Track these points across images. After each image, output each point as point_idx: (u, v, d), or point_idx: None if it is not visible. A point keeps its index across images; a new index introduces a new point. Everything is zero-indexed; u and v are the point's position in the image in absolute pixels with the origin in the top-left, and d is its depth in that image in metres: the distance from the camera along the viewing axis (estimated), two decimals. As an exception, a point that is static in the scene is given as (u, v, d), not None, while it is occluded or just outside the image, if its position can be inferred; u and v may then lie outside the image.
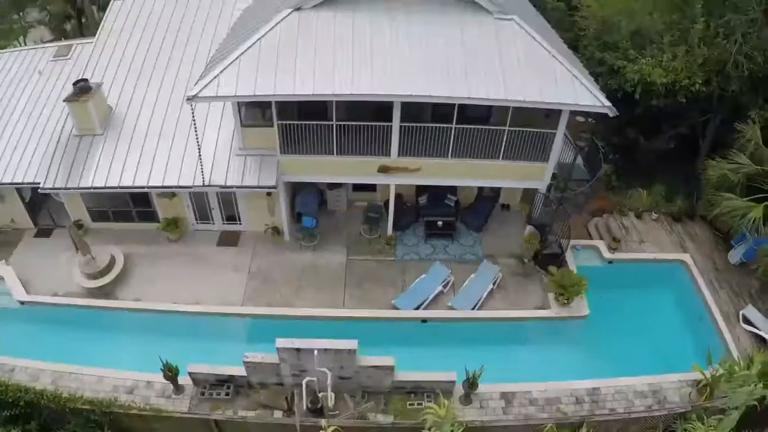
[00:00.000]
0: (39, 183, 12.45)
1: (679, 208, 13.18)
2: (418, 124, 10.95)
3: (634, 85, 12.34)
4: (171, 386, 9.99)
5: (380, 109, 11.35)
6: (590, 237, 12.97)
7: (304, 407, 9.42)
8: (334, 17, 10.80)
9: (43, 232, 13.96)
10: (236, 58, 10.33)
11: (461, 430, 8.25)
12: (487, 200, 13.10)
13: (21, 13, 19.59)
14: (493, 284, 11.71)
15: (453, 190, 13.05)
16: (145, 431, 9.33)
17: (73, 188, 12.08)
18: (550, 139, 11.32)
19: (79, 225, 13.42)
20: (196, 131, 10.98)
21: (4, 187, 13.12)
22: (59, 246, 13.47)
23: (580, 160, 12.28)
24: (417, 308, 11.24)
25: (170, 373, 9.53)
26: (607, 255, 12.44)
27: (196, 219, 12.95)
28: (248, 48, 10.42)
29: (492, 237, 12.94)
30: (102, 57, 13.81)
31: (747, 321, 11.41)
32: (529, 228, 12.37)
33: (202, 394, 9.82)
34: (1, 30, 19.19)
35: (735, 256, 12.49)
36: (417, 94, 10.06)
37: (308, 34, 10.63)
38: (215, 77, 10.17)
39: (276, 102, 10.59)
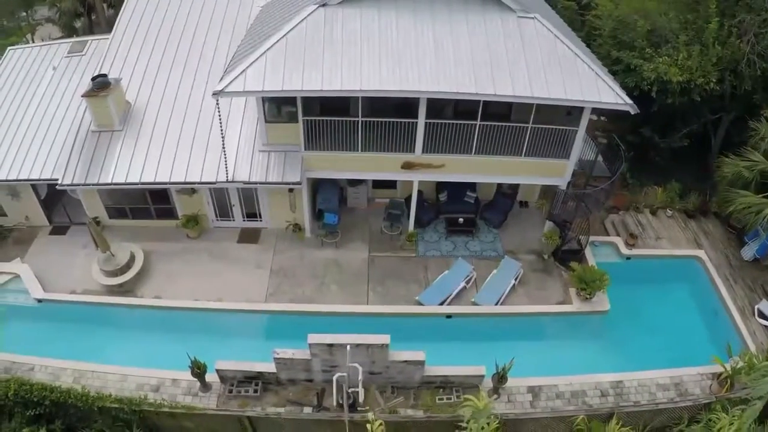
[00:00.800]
0: (57, 179, 12.34)
1: (692, 205, 13.42)
2: (443, 121, 11.03)
3: (651, 84, 12.56)
4: (198, 384, 9.91)
5: (401, 106, 11.43)
6: (607, 233, 13.15)
7: (335, 403, 9.44)
8: (360, 13, 10.85)
9: (59, 230, 13.79)
10: (263, 54, 10.33)
11: (496, 422, 8.36)
12: (506, 197, 13.22)
13: (28, 11, 19.37)
14: (515, 280, 11.82)
15: (472, 187, 13.15)
16: (174, 429, 9.27)
17: (93, 184, 11.95)
18: (571, 137, 11.46)
19: (96, 222, 13.29)
20: (221, 127, 10.94)
21: (19, 183, 12.97)
22: (75, 243, 13.34)
23: (599, 157, 12.48)
24: (441, 304, 11.30)
25: (198, 370, 9.47)
26: (625, 251, 12.62)
27: (216, 216, 12.89)
28: (274, 44, 10.42)
29: (511, 234, 13.06)
30: (119, 53, 13.68)
31: (762, 315, 11.65)
32: (548, 224, 12.51)
33: (230, 391, 9.74)
34: (8, 28, 18.98)
35: (748, 252, 12.74)
36: (445, 90, 10.13)
37: (334, 30, 10.66)
38: (242, 72, 10.16)
39: (301, 98, 10.62)
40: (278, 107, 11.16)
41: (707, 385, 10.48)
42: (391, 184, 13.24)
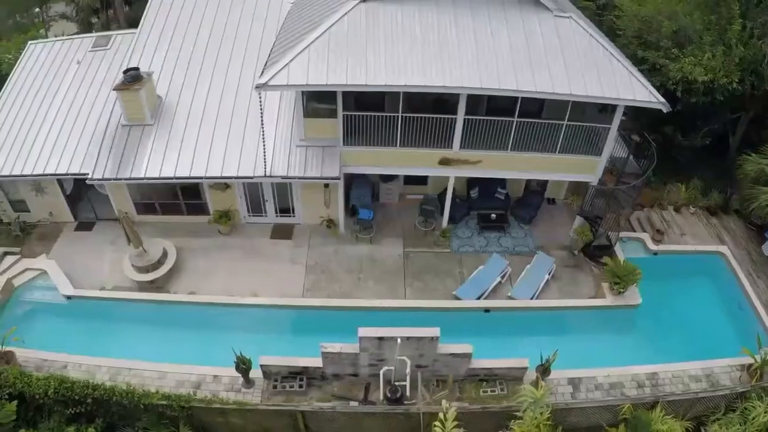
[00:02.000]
0: (86, 174, 12.16)
1: (714, 202, 13.76)
2: (482, 118, 11.16)
3: (676, 83, 12.87)
4: (240, 380, 9.82)
5: (437, 102, 11.57)
6: (633, 230, 13.41)
7: (381, 397, 9.46)
8: (401, 9, 10.93)
9: (84, 226, 13.57)
10: (305, 48, 10.35)
11: (548, 411, 8.49)
12: (536, 194, 13.41)
13: (42, 7, 19.06)
14: (549, 275, 11.99)
15: (503, 183, 13.31)
16: (220, 426, 9.16)
17: (125, 179, 11.82)
18: (604, 134, 11.69)
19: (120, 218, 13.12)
20: (262, 121, 10.91)
21: (45, 178, 12.75)
22: (102, 240, 13.14)
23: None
24: (478, 298, 11.41)
25: (244, 365, 9.40)
26: (652, 247, 12.89)
27: (249, 211, 12.81)
28: (317, 38, 10.46)
29: (540, 230, 13.24)
30: (147, 47, 13.56)
31: (786, 308, 11.98)
32: (579, 220, 12.71)
33: (274, 387, 9.67)
34: (22, 24, 18.65)
35: (770, 248, 13.11)
36: (488, 87, 10.27)
37: (375, 26, 10.73)
38: (285, 66, 10.16)
39: (341, 93, 10.65)
40: (317, 102, 11.16)
41: (737, 376, 10.74)
42: (422, 181, 13.32)
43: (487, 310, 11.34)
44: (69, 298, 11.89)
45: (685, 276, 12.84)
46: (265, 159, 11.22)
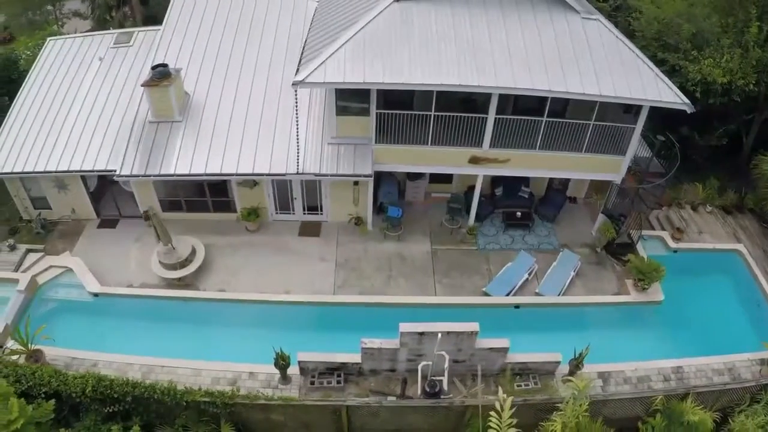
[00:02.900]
0: (113, 170, 12.09)
1: (729, 201, 14.10)
2: (513, 117, 11.33)
3: (695, 84, 13.18)
4: (276, 377, 9.83)
5: (465, 101, 11.72)
6: (652, 228, 13.69)
7: (419, 392, 9.56)
8: (434, 9, 11.07)
9: (107, 223, 13.49)
10: (341, 46, 10.43)
11: (586, 403, 8.68)
12: (559, 192, 13.63)
13: (55, 5, 18.87)
14: (574, 272, 12.20)
15: (526, 182, 13.51)
16: (260, 423, 9.17)
17: (154, 175, 11.78)
18: (628, 134, 11.94)
19: (148, 216, 13.03)
20: (296, 118, 10.97)
21: (68, 175, 12.64)
22: (127, 237, 13.07)
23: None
24: (507, 295, 11.58)
25: (283, 362, 9.43)
26: (672, 245, 13.18)
27: (276, 209, 12.84)
28: (352, 36, 10.55)
29: (563, 228, 13.45)
30: (172, 43, 13.51)
31: (801, 305, 12.35)
32: (601, 218, 12.95)
33: (312, 383, 9.72)
34: (35, 21, 18.45)
35: (784, 246, 13.47)
36: (521, 87, 10.44)
37: (409, 25, 10.85)
38: (322, 63, 10.23)
39: (376, 91, 10.74)
40: (349, 100, 11.24)
41: (757, 370, 11.06)
42: (447, 179, 13.46)
43: (517, 306, 11.52)
44: (96, 295, 11.81)
45: (703, 273, 13.14)
46: (298, 156, 11.26)
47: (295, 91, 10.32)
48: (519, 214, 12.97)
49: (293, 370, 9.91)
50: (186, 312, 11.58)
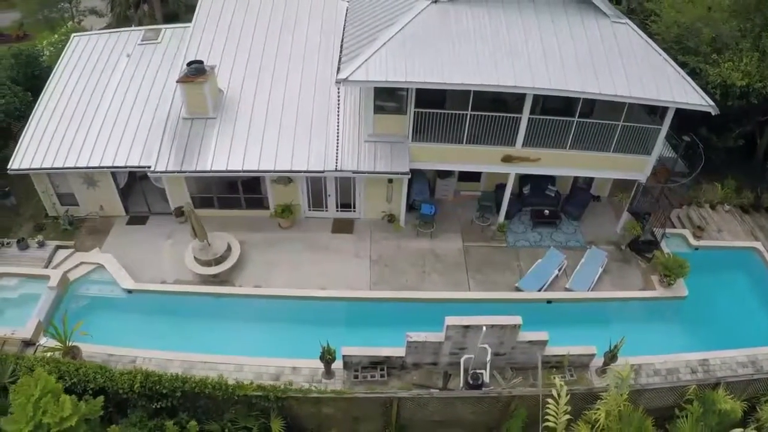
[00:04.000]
0: (146, 166, 12.11)
1: (746, 200, 14.56)
2: (546, 117, 11.60)
3: (715, 87, 13.60)
4: (319, 371, 9.95)
5: (496, 100, 11.96)
6: (673, 226, 14.08)
7: (461, 384, 9.75)
8: (470, 10, 11.30)
9: (137, 219, 13.48)
10: (382, 45, 10.61)
11: (626, 392, 8.97)
12: (584, 191, 13.95)
13: (72, 2, 18.74)
14: (601, 268, 12.51)
15: (552, 180, 13.80)
16: (310, 416, 9.26)
17: (189, 171, 11.83)
18: (654, 134, 12.29)
19: (180, 212, 13.07)
20: (338, 116, 11.10)
21: (98, 171, 12.61)
22: (158, 233, 13.08)
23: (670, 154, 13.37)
24: (539, 290, 11.84)
25: (329, 356, 9.55)
26: (693, 242, 13.58)
27: (309, 206, 12.95)
28: (393, 36, 10.73)
29: (588, 225, 13.77)
30: (203, 40, 13.55)
31: (817, 301, 12.81)
32: (626, 216, 13.29)
33: (355, 377, 9.87)
34: (51, 18, 18.29)
35: (799, 244, 13.92)
36: (556, 88, 10.71)
37: (447, 26, 11.06)
38: (364, 62, 10.40)
39: (412, 90, 10.92)
40: (389, 98, 11.41)
41: (779, 363, 11.48)
42: (475, 177, 13.70)
43: (549, 302, 11.79)
44: (129, 292, 11.82)
45: (723, 270, 13.55)
46: (337, 153, 11.39)
47: (338, 89, 10.45)
48: (547, 212, 13.26)
49: (336, 364, 10.06)
50: (222, 308, 11.63)
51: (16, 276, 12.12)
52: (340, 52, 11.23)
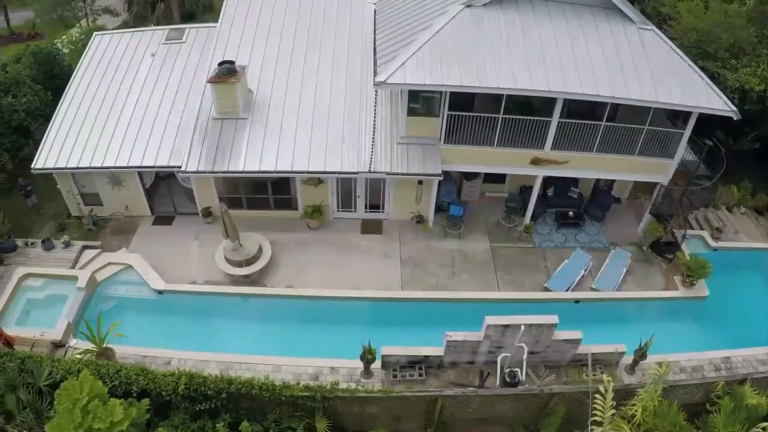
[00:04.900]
0: (175, 167, 12.07)
1: (761, 202, 14.93)
2: (575, 121, 11.79)
3: (733, 92, 13.92)
4: (357, 371, 10.04)
5: (525, 104, 12.13)
6: (692, 227, 14.39)
7: (498, 383, 9.92)
8: (502, 15, 11.46)
9: (163, 220, 13.44)
10: (419, 49, 10.73)
11: (662, 388, 9.22)
12: (605, 193, 14.20)
13: (86, 1, 18.54)
14: (625, 268, 12.77)
15: (575, 182, 14.03)
16: (354, 416, 9.32)
17: (222, 172, 11.84)
18: (677, 138, 12.57)
19: (208, 212, 13.06)
20: (374, 118, 11.19)
21: (125, 171, 12.54)
22: (185, 234, 13.05)
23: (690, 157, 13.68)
24: (566, 290, 12.06)
25: (370, 356, 9.64)
26: (712, 243, 13.90)
27: (338, 207, 13.01)
28: (428, 39, 10.84)
29: (609, 227, 14.02)
30: (230, 40, 13.55)
31: (831, 300, 13.19)
32: (647, 217, 13.56)
33: (394, 376, 9.98)
34: (65, 18, 18.07)
35: (812, 245, 14.30)
36: (588, 93, 10.91)
37: (481, 30, 11.20)
38: (402, 65, 10.50)
39: (446, 93, 11.04)
40: (422, 101, 11.52)
41: (798, 361, 11.83)
42: (500, 179, 13.88)
43: (577, 301, 12.01)
44: (160, 292, 11.78)
45: (741, 270, 13.89)
46: (372, 155, 11.48)
47: (375, 91, 10.53)
48: (571, 213, 13.49)
49: (375, 364, 10.15)
50: (253, 309, 11.66)
51: (41, 276, 12.04)
52: (374, 53, 11.32)
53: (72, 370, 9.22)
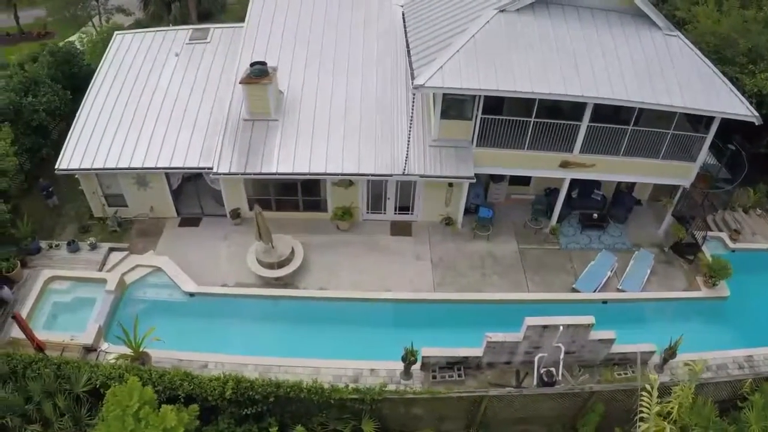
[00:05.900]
0: (206, 168, 12.00)
1: (776, 204, 15.34)
2: (604, 125, 11.96)
3: (751, 96, 14.23)
4: (396, 372, 10.11)
5: (553, 108, 12.28)
6: (710, 229, 14.70)
7: (534, 382, 10.07)
8: (535, 21, 11.58)
9: (189, 221, 13.35)
10: (455, 53, 10.81)
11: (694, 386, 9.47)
12: (627, 195, 14.43)
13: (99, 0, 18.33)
14: (649, 269, 13.02)
15: (598, 185, 14.24)
16: (399, 417, 9.39)
17: (254, 173, 11.82)
18: (699, 142, 12.83)
19: (236, 214, 13.00)
20: (410, 120, 11.22)
21: (151, 172, 12.43)
22: (213, 236, 12.99)
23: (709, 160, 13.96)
24: (594, 291, 12.26)
25: (412, 357, 9.71)
26: (731, 245, 14.22)
27: (368, 209, 13.04)
28: (464, 44, 10.93)
29: (631, 228, 14.26)
30: (257, 41, 13.48)
31: None
32: (669, 219, 13.83)
33: (434, 377, 10.07)
34: (78, 16, 17.80)
35: (826, 246, 14.69)
36: (619, 98, 11.12)
37: (514, 35, 11.32)
38: (439, 69, 10.57)
39: (480, 96, 11.14)
40: (456, 104, 11.59)
41: (815, 359, 12.18)
42: (525, 181, 14.03)
43: (604, 302, 12.22)
44: (192, 295, 11.70)
45: (759, 271, 14.24)
46: (407, 157, 11.53)
47: (413, 95, 10.59)
48: (596, 215, 13.70)
49: (414, 365, 10.21)
50: (285, 311, 11.65)
51: (68, 279, 11.90)
52: (408, 56, 11.36)
53: (112, 376, 9.16)
